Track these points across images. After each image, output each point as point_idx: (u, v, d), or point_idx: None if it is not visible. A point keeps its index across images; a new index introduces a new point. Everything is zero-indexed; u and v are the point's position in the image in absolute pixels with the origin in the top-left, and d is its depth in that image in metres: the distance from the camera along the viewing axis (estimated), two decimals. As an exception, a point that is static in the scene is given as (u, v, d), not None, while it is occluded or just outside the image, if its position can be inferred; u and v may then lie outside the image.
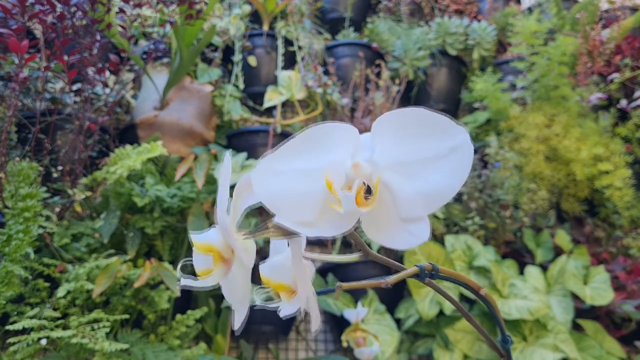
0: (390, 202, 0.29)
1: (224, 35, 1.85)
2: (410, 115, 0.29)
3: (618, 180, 1.54)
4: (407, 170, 0.29)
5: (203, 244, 0.31)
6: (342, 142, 0.29)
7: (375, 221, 0.29)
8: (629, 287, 1.41)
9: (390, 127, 0.29)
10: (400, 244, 0.28)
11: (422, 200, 0.28)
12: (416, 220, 0.28)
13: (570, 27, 1.96)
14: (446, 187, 0.28)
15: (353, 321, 1.13)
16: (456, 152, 0.28)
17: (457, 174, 0.28)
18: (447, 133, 0.28)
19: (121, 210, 1.23)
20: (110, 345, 0.93)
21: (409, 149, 0.29)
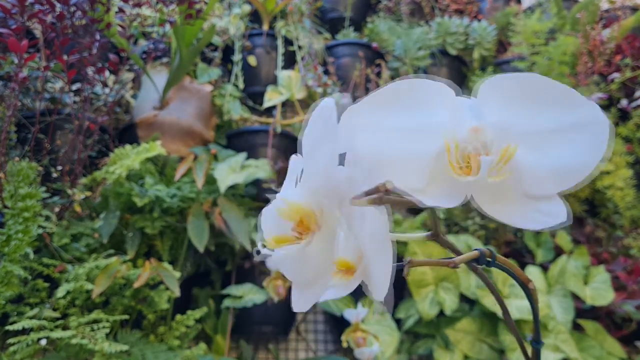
0: (515, 176, 0.25)
1: (223, 34, 1.85)
2: (529, 81, 0.25)
3: (619, 180, 1.54)
4: (531, 142, 0.25)
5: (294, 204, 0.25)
6: (440, 101, 0.26)
7: (496, 195, 0.25)
8: (629, 287, 1.40)
9: (503, 91, 0.25)
10: (532, 223, 0.25)
11: (552, 175, 0.25)
12: (546, 199, 0.25)
13: (570, 27, 1.95)
14: (577, 163, 0.25)
15: (353, 321, 1.13)
16: (588, 127, 0.25)
17: (591, 150, 0.24)
18: (575, 105, 0.25)
19: (121, 210, 1.23)
20: (110, 346, 0.93)
21: (530, 118, 0.25)
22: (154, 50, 1.60)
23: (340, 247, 0.28)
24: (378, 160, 0.25)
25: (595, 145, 0.25)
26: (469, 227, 1.54)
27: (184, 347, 1.15)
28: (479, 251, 0.30)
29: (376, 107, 0.26)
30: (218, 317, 1.36)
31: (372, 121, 0.26)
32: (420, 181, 0.25)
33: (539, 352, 0.35)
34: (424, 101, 0.26)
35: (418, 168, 0.25)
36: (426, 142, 0.25)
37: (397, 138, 0.26)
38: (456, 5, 2.33)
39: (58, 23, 1.15)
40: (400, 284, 1.48)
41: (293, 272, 0.27)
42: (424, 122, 0.26)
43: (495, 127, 0.25)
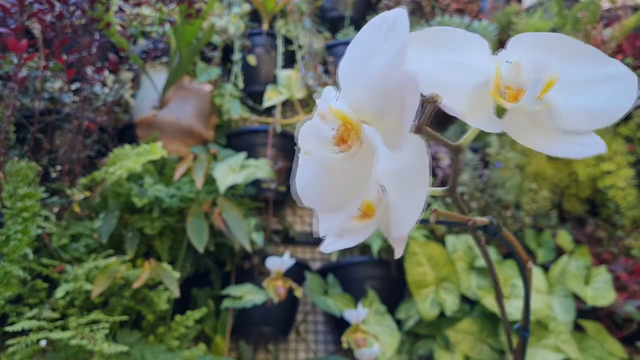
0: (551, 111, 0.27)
1: (223, 34, 1.85)
2: (558, 39, 0.27)
3: (621, 180, 1.54)
4: (564, 87, 0.27)
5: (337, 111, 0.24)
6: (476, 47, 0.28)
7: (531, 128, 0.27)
8: (630, 288, 1.40)
9: (533, 46, 0.27)
10: (567, 152, 0.27)
11: (584, 115, 0.27)
12: (581, 134, 0.27)
13: (571, 26, 1.95)
14: (609, 107, 0.27)
15: (353, 322, 1.12)
16: (617, 79, 0.27)
17: (626, 96, 0.27)
18: (604, 61, 0.27)
19: (120, 211, 1.22)
20: (110, 347, 0.93)
21: (562, 67, 0.27)
22: (153, 49, 1.59)
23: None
24: (426, 84, 0.26)
25: (627, 92, 0.27)
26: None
27: (183, 347, 1.15)
28: (490, 219, 0.31)
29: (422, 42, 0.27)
30: (217, 318, 1.36)
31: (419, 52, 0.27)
32: (462, 107, 0.27)
33: (525, 340, 0.35)
34: (465, 45, 0.28)
35: (461, 95, 0.27)
36: (468, 75, 0.27)
37: (443, 68, 0.27)
38: (457, 4, 2.33)
39: (57, 22, 1.15)
40: (401, 285, 1.48)
41: (321, 193, 0.26)
42: (466, 58, 0.28)
43: (535, 64, 0.26)
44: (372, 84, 0.23)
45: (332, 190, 0.26)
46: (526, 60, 0.27)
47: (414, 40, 0.27)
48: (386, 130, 0.24)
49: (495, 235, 0.32)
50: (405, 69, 0.22)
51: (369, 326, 1.30)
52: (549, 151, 0.27)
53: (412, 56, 0.24)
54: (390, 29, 0.24)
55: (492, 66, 0.27)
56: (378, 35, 0.24)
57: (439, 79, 0.27)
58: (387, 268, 1.49)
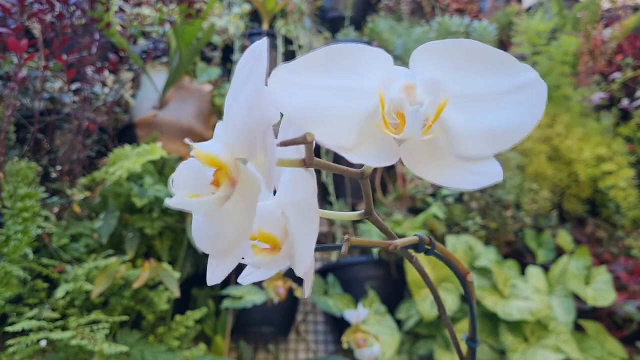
0: (445, 137, 0.25)
1: (223, 34, 1.85)
2: (464, 46, 0.24)
3: (622, 180, 1.54)
4: (466, 105, 0.25)
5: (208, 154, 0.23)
6: (374, 65, 0.25)
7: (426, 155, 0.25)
8: (630, 288, 1.40)
9: (437, 57, 0.25)
10: (464, 184, 0.24)
11: (487, 137, 0.24)
12: (481, 160, 0.25)
13: (571, 27, 1.95)
14: (515, 125, 0.24)
15: (353, 322, 1.12)
16: (526, 89, 0.24)
17: (529, 110, 0.24)
18: (512, 69, 0.24)
19: (120, 211, 1.22)
20: (110, 347, 0.93)
21: (465, 82, 0.25)
22: (153, 49, 1.59)
23: (265, 219, 0.26)
24: (308, 117, 0.24)
25: (533, 106, 0.24)
26: (469, 228, 1.54)
27: (183, 347, 1.15)
28: (419, 237, 0.29)
29: (311, 65, 0.25)
30: (218, 318, 1.36)
31: (305, 78, 0.24)
32: (350, 139, 0.25)
33: (474, 352, 0.34)
34: (361, 64, 0.25)
35: (349, 126, 0.25)
36: (359, 100, 0.25)
37: (330, 96, 0.25)
38: (457, 4, 2.32)
39: (57, 22, 1.15)
40: (401, 285, 1.48)
41: (207, 237, 0.26)
42: (358, 82, 0.25)
43: (429, 85, 0.24)
44: (238, 122, 0.23)
45: (215, 234, 0.25)
46: (424, 77, 0.24)
47: (305, 64, 0.25)
48: (259, 167, 0.24)
49: (427, 252, 0.30)
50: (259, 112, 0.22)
51: (369, 326, 1.30)
52: (445, 183, 0.24)
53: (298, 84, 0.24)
54: (252, 65, 0.23)
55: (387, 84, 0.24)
56: (245, 70, 0.24)
57: (323, 109, 0.25)
58: (387, 268, 1.49)
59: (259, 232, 0.26)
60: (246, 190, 0.24)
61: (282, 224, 0.26)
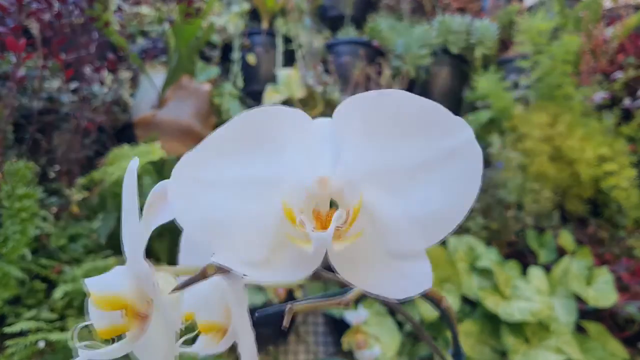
0: (371, 230, 0.21)
1: (222, 33, 1.84)
2: (387, 101, 0.20)
3: (623, 180, 1.53)
4: (392, 183, 0.20)
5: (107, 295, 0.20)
6: (293, 135, 0.21)
7: (351, 257, 0.21)
8: (632, 289, 1.39)
9: (359, 118, 0.20)
10: (393, 290, 0.21)
11: (418, 226, 0.20)
12: (411, 257, 0.21)
13: (573, 26, 1.94)
14: (449, 206, 0.20)
15: (354, 323, 1.12)
16: (458, 156, 0.20)
17: (463, 186, 0.20)
18: (442, 127, 0.20)
19: (119, 211, 1.22)
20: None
21: (390, 150, 0.20)
22: (152, 49, 1.58)
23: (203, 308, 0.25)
24: (209, 228, 0.21)
25: (467, 178, 0.20)
26: (470, 228, 1.53)
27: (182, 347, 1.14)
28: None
29: (214, 152, 0.21)
30: (217, 318, 1.35)
31: (208, 173, 0.21)
32: (262, 251, 0.21)
33: None
34: (274, 137, 0.21)
35: (260, 234, 0.21)
36: (270, 198, 0.21)
37: (236, 195, 0.21)
38: (458, 3, 2.31)
39: (56, 22, 1.14)
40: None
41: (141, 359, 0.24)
42: (270, 168, 0.21)
43: (346, 172, 0.20)
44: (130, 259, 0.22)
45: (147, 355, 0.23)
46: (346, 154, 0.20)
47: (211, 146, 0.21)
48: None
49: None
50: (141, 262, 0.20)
51: (369, 327, 1.30)
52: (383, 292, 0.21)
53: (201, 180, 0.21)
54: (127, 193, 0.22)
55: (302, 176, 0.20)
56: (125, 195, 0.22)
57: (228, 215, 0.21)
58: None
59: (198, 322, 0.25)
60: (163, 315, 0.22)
61: (223, 305, 0.25)
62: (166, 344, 0.22)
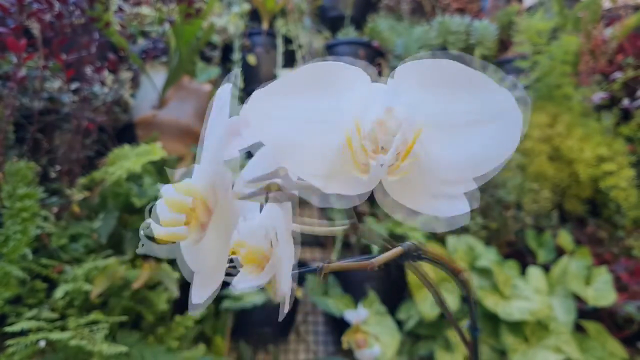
0: (426, 163, 0.24)
1: (223, 33, 1.84)
2: (446, 66, 0.24)
3: (622, 180, 1.53)
4: (445, 127, 0.24)
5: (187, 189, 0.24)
6: (353, 84, 0.24)
7: (405, 182, 0.24)
8: (631, 288, 1.40)
9: (419, 76, 0.24)
10: (442, 210, 0.24)
11: (466, 162, 0.24)
12: (459, 183, 0.25)
13: (572, 26, 1.94)
14: (494, 151, 0.24)
15: (354, 323, 1.12)
16: (502, 117, 0.24)
17: (506, 139, 0.24)
18: (490, 93, 0.24)
19: (119, 211, 1.22)
20: (109, 347, 0.93)
21: (446, 104, 0.24)
22: (152, 49, 1.59)
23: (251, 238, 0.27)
24: (283, 147, 0.24)
25: (509, 133, 0.24)
26: (470, 228, 1.54)
27: (183, 348, 1.14)
28: (403, 247, 0.29)
29: (285, 90, 0.24)
30: (217, 318, 1.35)
31: (280, 106, 0.24)
32: (324, 169, 0.24)
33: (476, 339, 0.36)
34: (337, 85, 0.24)
35: (326, 155, 0.24)
36: (331, 134, 0.24)
37: (304, 126, 0.24)
38: (457, 3, 2.32)
39: (56, 22, 1.15)
40: (401, 285, 1.48)
41: (192, 261, 0.26)
42: (333, 109, 0.24)
43: (405, 112, 0.24)
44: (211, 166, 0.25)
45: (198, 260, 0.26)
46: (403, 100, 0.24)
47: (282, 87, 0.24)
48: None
49: (415, 259, 0.29)
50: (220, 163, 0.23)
51: (369, 327, 1.30)
52: (432, 211, 0.25)
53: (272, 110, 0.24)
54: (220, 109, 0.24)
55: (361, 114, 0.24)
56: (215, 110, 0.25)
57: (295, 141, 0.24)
58: (387, 268, 1.49)
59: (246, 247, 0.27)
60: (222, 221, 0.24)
61: (266, 244, 0.27)
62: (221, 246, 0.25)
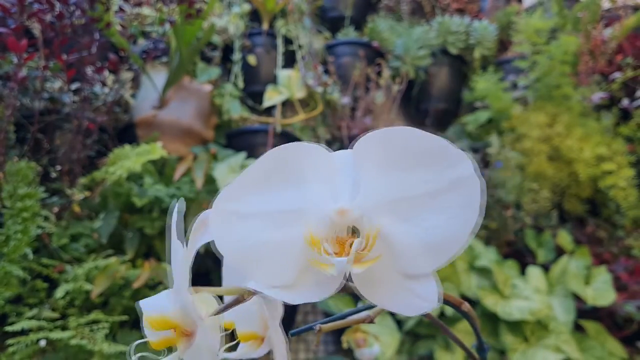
0: (387, 254, 0.24)
1: (223, 34, 1.85)
2: (398, 138, 0.23)
3: (621, 180, 1.54)
4: (403, 211, 0.23)
5: (158, 317, 0.25)
6: (316, 170, 0.24)
7: (369, 278, 0.24)
8: (630, 288, 1.40)
9: (375, 153, 0.24)
10: (406, 308, 0.24)
11: (426, 250, 0.23)
12: (421, 278, 0.24)
13: (572, 26, 1.94)
14: (453, 231, 0.23)
15: (353, 322, 1.12)
16: (460, 186, 0.23)
17: (464, 214, 0.23)
18: (446, 161, 0.23)
19: (120, 211, 1.22)
20: (109, 347, 0.93)
21: (401, 183, 0.23)
22: (153, 49, 1.59)
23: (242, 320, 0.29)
24: (243, 256, 0.24)
25: (468, 207, 0.23)
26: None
27: (183, 347, 1.15)
28: None
29: (247, 187, 0.24)
30: (218, 318, 1.36)
31: (243, 207, 0.24)
32: (290, 275, 0.24)
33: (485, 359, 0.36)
34: (300, 172, 0.24)
35: (287, 259, 0.24)
36: (296, 227, 0.24)
37: (267, 226, 0.24)
38: (457, 4, 2.32)
39: (57, 22, 1.15)
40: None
41: None
42: (296, 201, 0.24)
43: (364, 203, 0.23)
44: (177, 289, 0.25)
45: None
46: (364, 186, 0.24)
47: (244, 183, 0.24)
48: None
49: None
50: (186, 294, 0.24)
51: (369, 326, 1.30)
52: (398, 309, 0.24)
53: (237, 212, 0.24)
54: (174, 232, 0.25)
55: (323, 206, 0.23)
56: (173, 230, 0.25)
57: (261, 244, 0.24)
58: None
59: (238, 332, 0.28)
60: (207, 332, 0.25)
61: (260, 317, 0.28)
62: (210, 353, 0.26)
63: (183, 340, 0.25)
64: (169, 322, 0.24)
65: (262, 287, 0.24)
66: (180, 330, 0.25)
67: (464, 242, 0.23)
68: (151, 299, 0.25)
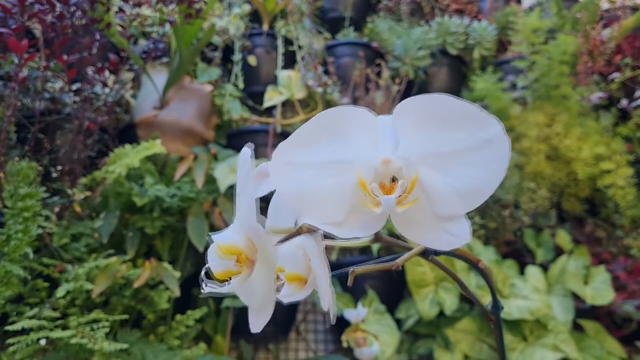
0: (424, 199, 0.27)
1: (223, 34, 1.85)
2: (437, 102, 0.27)
3: (620, 179, 1.54)
4: (439, 164, 0.27)
5: (227, 245, 0.28)
6: (360, 129, 0.28)
7: (409, 219, 0.27)
8: (629, 287, 1.40)
9: (414, 115, 0.27)
10: (441, 244, 0.27)
11: (459, 196, 0.27)
12: (454, 219, 0.27)
13: (570, 27, 1.95)
14: (483, 182, 0.26)
15: (353, 321, 1.13)
16: (490, 145, 0.26)
17: (494, 168, 0.26)
18: (478, 124, 0.26)
19: (121, 210, 1.23)
20: (110, 346, 0.93)
21: (438, 140, 0.27)
22: (153, 50, 1.60)
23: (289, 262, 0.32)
24: (300, 198, 0.28)
25: (497, 162, 0.26)
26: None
27: (184, 347, 1.15)
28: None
29: (300, 143, 0.28)
30: (218, 317, 1.36)
31: (299, 156, 0.28)
32: (340, 214, 0.27)
33: (498, 316, 0.40)
34: (345, 130, 0.28)
35: (338, 201, 0.27)
36: (345, 175, 0.27)
37: (319, 173, 0.28)
38: (456, 5, 2.33)
39: (58, 23, 1.15)
40: (400, 284, 1.48)
41: (246, 297, 0.30)
42: (344, 154, 0.28)
43: (404, 155, 0.27)
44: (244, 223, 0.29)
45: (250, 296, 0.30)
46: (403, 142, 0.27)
47: (297, 140, 0.28)
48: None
49: (436, 254, 0.32)
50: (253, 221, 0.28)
51: (368, 325, 1.30)
52: (433, 245, 0.27)
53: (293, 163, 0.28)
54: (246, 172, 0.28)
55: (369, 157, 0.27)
56: (242, 171, 0.29)
57: (314, 189, 0.27)
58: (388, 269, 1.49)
59: (285, 274, 0.31)
60: (265, 262, 0.29)
61: (305, 261, 0.31)
62: (267, 283, 0.29)
63: (245, 268, 0.28)
64: (235, 248, 0.28)
65: (316, 223, 0.27)
66: (244, 257, 0.28)
67: (492, 191, 0.27)
68: (221, 233, 0.29)
